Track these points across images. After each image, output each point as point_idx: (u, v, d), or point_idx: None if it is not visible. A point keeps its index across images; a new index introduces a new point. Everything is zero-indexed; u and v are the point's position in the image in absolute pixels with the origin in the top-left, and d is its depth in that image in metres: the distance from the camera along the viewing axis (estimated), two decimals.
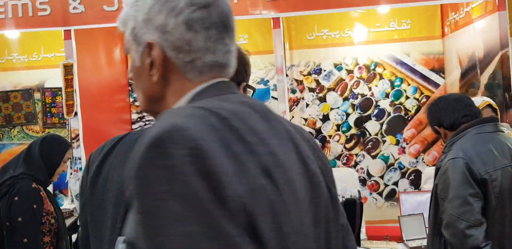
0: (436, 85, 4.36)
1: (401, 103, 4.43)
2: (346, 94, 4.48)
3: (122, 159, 1.04)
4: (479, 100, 2.76)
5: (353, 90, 4.47)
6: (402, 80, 4.41)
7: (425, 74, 4.38)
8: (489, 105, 2.67)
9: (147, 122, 4.59)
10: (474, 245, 1.80)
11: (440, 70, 4.35)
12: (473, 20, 3.69)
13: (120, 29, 0.90)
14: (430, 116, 2.17)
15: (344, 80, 4.47)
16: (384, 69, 4.43)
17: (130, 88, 4.58)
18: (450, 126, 2.03)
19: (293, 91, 4.49)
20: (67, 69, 3.45)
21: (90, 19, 3.40)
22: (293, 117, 4.48)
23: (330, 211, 0.85)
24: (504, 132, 2.04)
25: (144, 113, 4.59)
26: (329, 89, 4.49)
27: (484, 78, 3.60)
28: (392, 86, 4.43)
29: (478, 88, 3.71)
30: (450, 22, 4.17)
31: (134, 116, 4.60)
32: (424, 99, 4.39)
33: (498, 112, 2.70)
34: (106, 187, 1.05)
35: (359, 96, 4.47)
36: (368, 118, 4.45)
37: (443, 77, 4.33)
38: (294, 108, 4.49)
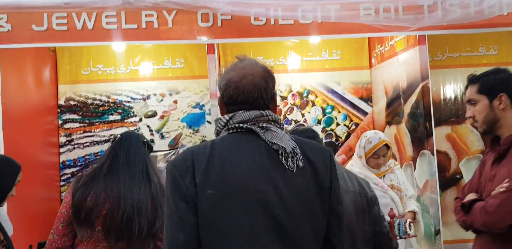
0: (365, 113, 4.58)
1: (332, 130, 4.59)
2: None
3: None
4: (376, 138, 2.95)
5: (287, 116, 4.58)
6: (333, 108, 4.59)
7: (354, 103, 4.58)
8: (385, 144, 2.88)
9: (75, 146, 4.41)
10: None
11: (368, 99, 4.58)
12: (397, 53, 3.95)
13: None
14: None
15: (279, 106, 4.58)
16: (316, 96, 4.59)
17: (58, 110, 4.40)
18: None
19: None
20: None
21: (17, 39, 3.27)
22: None
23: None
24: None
25: (73, 137, 4.41)
26: None
27: (407, 108, 3.82)
28: (324, 113, 4.59)
29: (402, 117, 3.93)
30: (377, 54, 4.44)
31: (62, 139, 4.40)
32: (353, 127, 4.58)
33: (391, 149, 2.98)
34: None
35: (293, 122, 4.58)
36: None
37: (371, 106, 4.56)
38: None
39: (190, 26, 3.33)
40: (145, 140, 2.29)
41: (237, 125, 1.42)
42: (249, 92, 1.45)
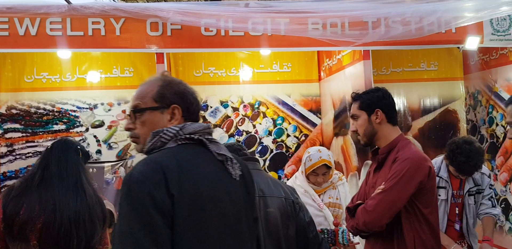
0: (314, 124, 4.67)
1: (282, 141, 4.65)
2: (231, 131, 4.58)
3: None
4: (317, 156, 3.01)
5: (238, 127, 4.59)
6: (283, 119, 4.65)
7: (304, 114, 4.67)
8: (324, 164, 2.95)
9: (17, 157, 4.22)
10: None
11: (317, 111, 4.67)
12: (344, 67, 4.06)
13: None
14: None
15: (230, 117, 4.59)
16: (267, 108, 4.64)
17: (0, 119, 4.21)
18: None
19: None
20: None
21: None
22: None
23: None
24: (260, 169, 2.39)
25: (15, 147, 4.22)
26: (215, 126, 4.55)
27: None
28: (275, 125, 4.64)
29: (348, 129, 4.03)
30: (325, 68, 4.55)
31: (3, 149, 4.20)
32: (303, 138, 4.65)
33: (333, 167, 3.04)
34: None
35: (244, 133, 4.60)
36: (253, 155, 4.57)
37: (320, 118, 4.66)
38: None
39: (138, 34, 3.30)
40: (78, 147, 2.20)
41: (188, 136, 1.41)
42: (198, 105, 1.51)
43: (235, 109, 4.60)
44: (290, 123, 4.66)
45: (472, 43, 3.64)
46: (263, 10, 3.30)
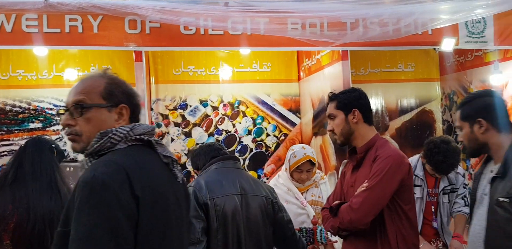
0: (293, 124, 4.70)
1: (262, 140, 4.66)
2: (211, 130, 4.57)
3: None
4: (301, 153, 3.04)
5: (218, 126, 4.59)
6: (263, 119, 4.67)
7: (283, 114, 4.69)
8: (310, 160, 2.98)
9: None
10: None
11: (296, 110, 4.70)
12: (323, 67, 4.10)
13: None
14: (191, 162, 2.54)
15: (210, 116, 4.58)
16: (247, 107, 4.65)
17: None
18: (202, 166, 2.40)
19: (158, 126, 4.45)
20: None
21: None
22: None
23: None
24: (241, 168, 2.43)
25: None
26: (194, 125, 4.54)
27: None
28: (254, 124, 4.65)
29: (327, 128, 4.07)
30: (305, 68, 4.58)
31: None
32: (282, 137, 4.68)
33: (316, 164, 3.06)
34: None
35: (224, 133, 4.60)
36: (232, 154, 4.57)
37: (299, 117, 4.69)
38: None
39: (117, 32, 3.27)
40: (53, 146, 2.17)
41: (138, 137, 1.36)
42: (140, 108, 1.48)
43: (215, 108, 4.60)
44: (269, 123, 4.67)
45: (447, 44, 3.71)
46: (242, 10, 3.31)
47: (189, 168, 4.47)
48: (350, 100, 2.19)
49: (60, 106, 4.31)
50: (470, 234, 2.20)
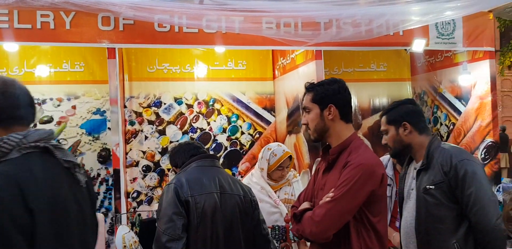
0: (268, 122, 4.73)
1: (237, 138, 4.68)
2: (185, 128, 4.56)
3: None
4: (280, 150, 3.09)
5: (193, 124, 4.58)
6: (238, 117, 4.68)
7: (258, 112, 4.72)
8: (289, 156, 3.02)
9: None
10: None
11: (271, 109, 4.73)
12: (298, 66, 4.14)
13: None
14: (169, 159, 2.55)
15: (184, 114, 4.57)
16: (222, 105, 4.66)
17: None
18: (181, 164, 2.41)
19: (132, 123, 4.41)
20: None
21: None
22: (130, 150, 4.38)
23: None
24: (219, 167, 2.44)
25: None
26: (168, 123, 4.52)
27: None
28: (229, 122, 4.67)
29: (301, 127, 4.12)
30: (280, 66, 4.62)
31: None
32: (257, 135, 4.70)
33: (293, 160, 3.10)
34: None
35: (198, 131, 4.59)
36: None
37: (274, 116, 4.72)
38: (132, 140, 4.40)
39: (90, 29, 3.24)
40: None
41: (33, 144, 1.30)
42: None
43: (190, 106, 4.59)
44: (244, 121, 4.69)
45: (418, 45, 3.80)
46: (217, 8, 3.32)
47: (163, 166, 4.46)
48: (327, 94, 1.99)
49: None
50: (402, 227, 2.35)
